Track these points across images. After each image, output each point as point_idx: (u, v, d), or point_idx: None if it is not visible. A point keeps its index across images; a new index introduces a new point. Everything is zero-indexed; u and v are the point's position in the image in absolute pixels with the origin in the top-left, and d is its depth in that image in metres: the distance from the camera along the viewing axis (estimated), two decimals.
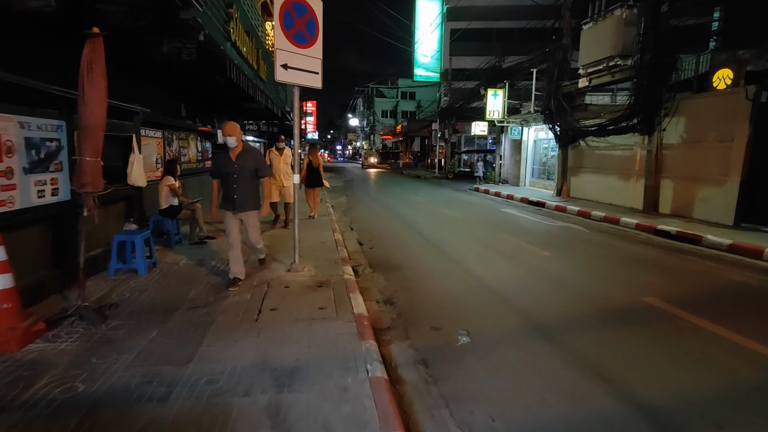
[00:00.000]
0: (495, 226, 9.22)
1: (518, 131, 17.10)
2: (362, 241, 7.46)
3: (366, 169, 39.79)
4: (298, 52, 4.60)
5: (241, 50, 10.98)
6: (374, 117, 58.02)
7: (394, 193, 16.62)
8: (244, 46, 11.13)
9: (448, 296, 4.62)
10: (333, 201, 13.13)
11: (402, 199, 14.42)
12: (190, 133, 8.62)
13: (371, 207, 12.37)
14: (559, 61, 13.15)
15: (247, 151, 4.12)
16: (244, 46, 11.24)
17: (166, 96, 11.23)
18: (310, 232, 7.46)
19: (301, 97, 4.89)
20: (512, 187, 17.48)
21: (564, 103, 12.89)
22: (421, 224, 9.28)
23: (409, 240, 7.64)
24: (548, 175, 16.15)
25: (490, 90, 16.75)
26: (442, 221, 9.75)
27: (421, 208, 12.10)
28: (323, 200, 12.27)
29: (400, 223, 9.52)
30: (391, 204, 12.96)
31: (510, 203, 13.51)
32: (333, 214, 9.81)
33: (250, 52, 11.97)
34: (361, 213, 10.99)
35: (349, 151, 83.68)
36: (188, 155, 8.18)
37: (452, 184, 21.62)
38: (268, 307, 3.83)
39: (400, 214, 10.86)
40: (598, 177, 12.52)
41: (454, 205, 12.93)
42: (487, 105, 16.86)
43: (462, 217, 10.40)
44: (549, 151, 16.30)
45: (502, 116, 16.94)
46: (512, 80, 17.05)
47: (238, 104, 15.37)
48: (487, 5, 38.05)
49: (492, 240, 7.70)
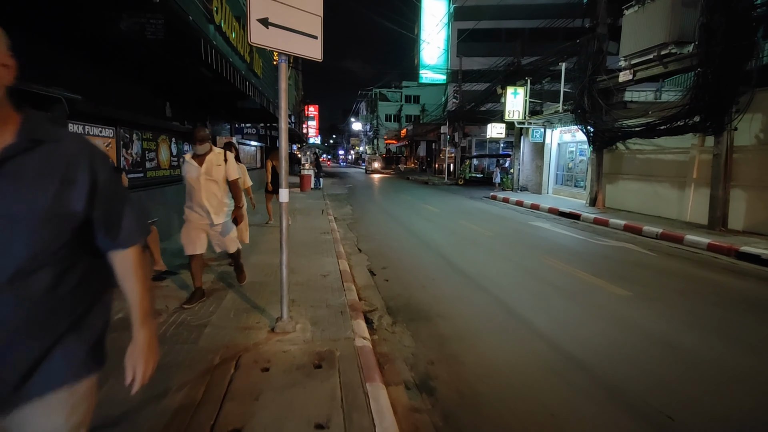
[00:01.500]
0: (533, 245, 7.59)
1: (540, 133, 15.50)
2: (374, 270, 5.83)
3: (370, 174, 38.24)
4: (287, 1, 3.01)
5: (228, 36, 9.45)
6: (378, 121, 56.60)
7: (403, 201, 15.01)
8: (233, 32, 9.60)
9: (513, 375, 2.98)
10: (336, 212, 11.54)
11: (414, 209, 12.81)
12: (161, 133, 7.05)
13: (380, 220, 10.75)
14: (593, 53, 11.57)
15: None
16: (234, 32, 9.71)
17: (147, 94, 9.71)
18: (307, 258, 5.85)
19: (303, 102, 3.35)
20: (533, 195, 15.84)
21: (600, 100, 11.28)
22: (443, 243, 7.66)
23: (432, 267, 6.01)
24: (575, 182, 14.51)
25: (509, 88, 15.17)
26: (467, 239, 8.13)
27: (438, 220, 10.48)
28: (324, 212, 10.67)
29: (416, 241, 7.90)
30: (403, 215, 11.34)
31: (537, 215, 11.87)
32: (336, 230, 8.21)
33: (241, 41, 10.45)
34: (369, 228, 9.37)
35: (352, 156, 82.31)
36: (157, 160, 6.61)
37: (464, 191, 20.01)
38: (227, 427, 2.20)
39: (415, 229, 9.24)
40: (641, 185, 10.88)
41: (475, 216, 11.30)
42: (505, 105, 15.27)
43: (489, 233, 8.77)
44: (576, 155, 14.69)
45: (522, 117, 15.35)
46: (534, 78, 15.46)
47: (230, 103, 13.86)
48: (497, 4, 36.61)
49: (539, 267, 6.05)
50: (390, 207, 13.28)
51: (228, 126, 22.56)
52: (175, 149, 7.35)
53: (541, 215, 11.76)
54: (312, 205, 12.18)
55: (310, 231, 7.92)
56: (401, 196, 16.79)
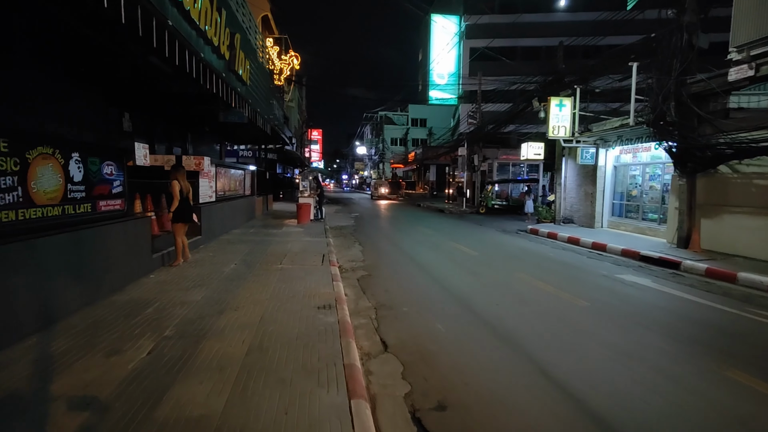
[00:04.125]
0: (668, 329, 4.55)
1: (591, 154, 12.63)
2: (424, 414, 2.80)
3: (376, 200, 35.42)
4: None
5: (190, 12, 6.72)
6: (383, 144, 54.34)
7: (424, 237, 12.03)
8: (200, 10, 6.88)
9: None
10: (343, 256, 8.55)
11: (442, 250, 9.80)
12: (38, 143, 4.13)
13: (404, 271, 7.73)
14: (680, 48, 8.81)
15: None
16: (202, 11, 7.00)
17: (96, 101, 6.99)
18: (286, 392, 2.80)
19: (306, 125, 0.63)
20: (585, 229, 12.83)
21: (695, 107, 8.45)
22: (516, 323, 4.62)
23: (535, 400, 2.96)
24: (643, 213, 11.52)
25: (552, 99, 12.41)
26: (550, 313, 5.09)
27: (484, 272, 7.45)
28: (325, 258, 7.67)
29: (472, 319, 4.87)
30: (433, 262, 8.32)
31: (608, 259, 8.81)
32: (343, 298, 5.19)
33: (215, 26, 7.76)
34: (391, 288, 6.35)
35: (356, 180, 79.99)
36: (23, 189, 3.69)
37: (489, 221, 17.02)
38: None
39: (459, 289, 6.22)
40: (762, 221, 7.88)
41: (530, 264, 8.28)
42: (549, 119, 12.48)
43: (575, 298, 5.73)
44: (642, 180, 11.77)
45: (569, 133, 12.53)
46: (586, 87, 12.71)
47: (210, 115, 11.12)
48: (511, 22, 34.71)
49: (727, 393, 2.99)
50: (411, 247, 10.28)
51: (217, 147, 19.91)
52: (79, 171, 4.45)
53: (616, 260, 8.71)
54: (310, 246, 9.21)
55: (299, 303, 4.91)
56: (419, 229, 13.81)
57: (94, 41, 5.14)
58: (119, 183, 5.26)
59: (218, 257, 7.49)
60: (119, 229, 5.15)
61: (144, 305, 4.57)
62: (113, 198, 5.13)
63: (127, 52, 6.20)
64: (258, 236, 10.45)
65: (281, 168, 34.78)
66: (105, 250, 4.83)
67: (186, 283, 5.56)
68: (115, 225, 5.06)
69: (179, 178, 6.69)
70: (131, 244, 5.45)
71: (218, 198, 10.29)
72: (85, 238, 4.42)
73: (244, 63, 9.76)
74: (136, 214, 6.04)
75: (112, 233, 4.97)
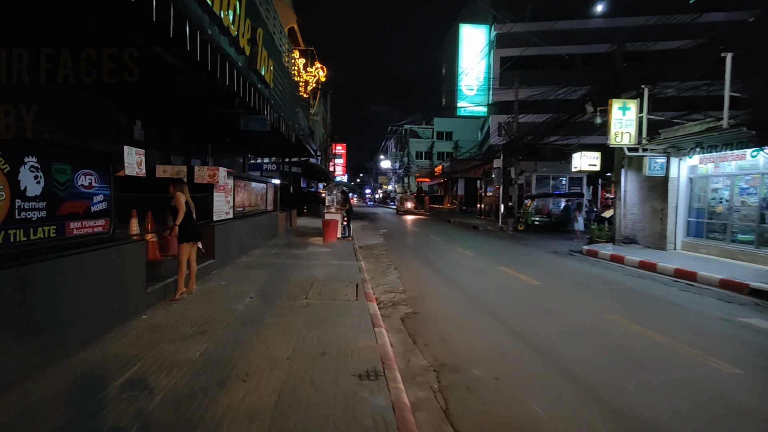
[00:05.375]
0: None
1: (661, 164, 10.90)
2: None
3: (402, 215, 34.01)
4: None
5: None
6: (409, 158, 53.14)
7: (468, 260, 10.52)
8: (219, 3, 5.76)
9: None
10: (378, 284, 7.14)
11: (492, 276, 8.27)
12: None
13: (459, 309, 6.26)
14: None
15: None
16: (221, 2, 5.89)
17: (106, 105, 6.06)
18: None
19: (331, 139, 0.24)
20: (652, 251, 11.01)
21: None
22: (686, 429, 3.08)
23: None
24: (732, 234, 9.66)
25: (615, 101, 10.81)
26: (724, 404, 3.51)
27: (563, 311, 5.87)
28: (359, 288, 6.28)
29: (600, 411, 3.35)
30: (493, 296, 6.80)
31: (711, 293, 7.04)
32: (391, 354, 3.76)
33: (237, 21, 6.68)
34: (451, 336, 4.89)
35: (379, 195, 78.97)
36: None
37: (533, 239, 15.31)
38: None
39: (548, 344, 4.68)
40: None
41: (612, 299, 6.65)
42: (610, 125, 10.86)
43: (728, 368, 4.11)
44: (723, 194, 9.96)
45: (634, 140, 10.87)
46: (653, 87, 11.07)
47: (232, 124, 10.06)
48: (544, 29, 33.21)
49: None
50: (454, 272, 8.79)
51: (240, 160, 19.04)
52: (35, 182, 3.26)
53: (719, 294, 6.94)
54: (339, 271, 7.87)
55: (333, 366, 3.50)
56: (457, 250, 12.29)
57: (81, 20, 4.04)
58: (102, 198, 4.06)
59: (231, 287, 6.23)
60: (98, 259, 3.93)
61: (118, 369, 3.28)
62: (92, 217, 3.93)
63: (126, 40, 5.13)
64: (280, 258, 9.19)
65: (305, 182, 33.99)
66: (76, 289, 3.60)
67: (184, 329, 4.28)
68: (93, 253, 3.85)
69: (183, 189, 5.54)
70: (116, 277, 4.22)
71: (236, 215, 9.14)
72: (41, 275, 3.20)
73: (267, 62, 8.66)
74: (128, 237, 4.84)
75: (87, 265, 3.75)
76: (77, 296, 3.63)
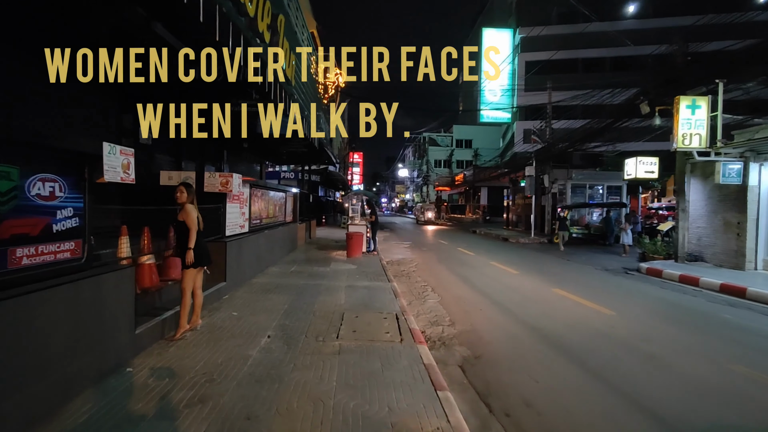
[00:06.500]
0: None
1: (737, 171, 9.43)
2: None
3: (422, 225, 32.74)
4: None
5: None
6: (428, 166, 51.93)
7: (512, 279, 9.20)
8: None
9: None
10: (419, 312, 5.88)
11: (557, 306, 6.94)
12: None
13: (529, 351, 4.98)
14: None
15: None
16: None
17: (106, 105, 5.16)
18: None
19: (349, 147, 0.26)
20: (725, 270, 9.49)
21: None
22: None
23: None
24: None
25: (682, 99, 9.43)
26: None
27: (670, 356, 4.50)
28: (398, 320, 5.04)
29: None
30: (563, 331, 5.49)
31: None
32: (467, 430, 2.55)
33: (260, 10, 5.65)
34: (536, 399, 3.62)
35: (396, 204, 77.83)
36: None
37: (574, 254, 13.84)
38: None
39: (678, 416, 3.39)
40: None
41: (717, 338, 5.24)
42: (677, 126, 9.47)
43: None
44: None
45: (705, 143, 9.44)
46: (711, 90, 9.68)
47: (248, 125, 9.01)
48: (571, 32, 31.81)
49: None
50: (503, 296, 7.50)
51: (257, 167, 18.12)
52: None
53: None
54: (372, 296, 6.68)
55: None
56: (495, 266, 10.95)
57: None
58: (71, 213, 2.98)
59: (245, 320, 5.08)
60: (61, 297, 2.83)
61: None
62: (54, 239, 2.84)
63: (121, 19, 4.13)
64: (301, 278, 8.05)
65: (323, 191, 33.08)
66: (16, 348, 2.49)
67: (178, 391, 3.13)
68: (53, 291, 2.75)
69: (194, 202, 4.48)
70: (90, 319, 3.11)
71: (252, 228, 8.07)
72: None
73: (288, 55, 7.64)
74: (112, 263, 3.76)
75: (40, 309, 2.65)
76: (18, 358, 2.51)
